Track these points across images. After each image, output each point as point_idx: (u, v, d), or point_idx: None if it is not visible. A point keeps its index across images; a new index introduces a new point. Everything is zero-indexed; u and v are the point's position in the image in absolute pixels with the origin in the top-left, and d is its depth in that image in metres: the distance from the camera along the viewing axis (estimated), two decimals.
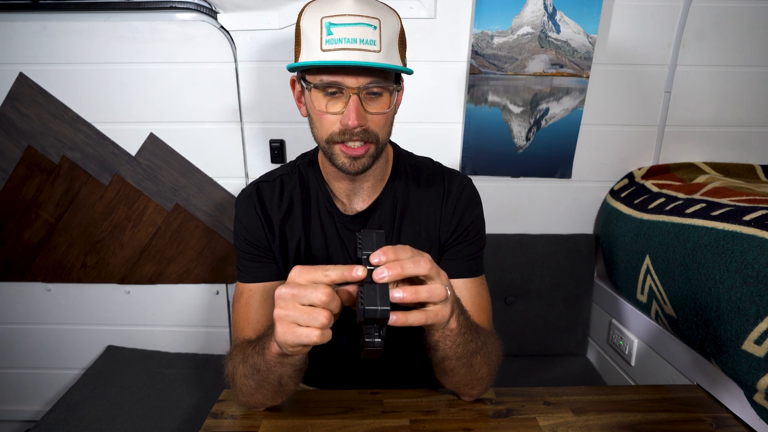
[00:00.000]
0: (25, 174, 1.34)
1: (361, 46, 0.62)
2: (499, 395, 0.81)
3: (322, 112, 0.67)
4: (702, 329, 0.90)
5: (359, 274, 0.49)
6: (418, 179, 0.82)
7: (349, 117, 0.64)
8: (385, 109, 0.68)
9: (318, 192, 0.80)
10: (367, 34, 0.62)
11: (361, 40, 0.62)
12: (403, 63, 0.69)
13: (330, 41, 0.62)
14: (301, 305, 0.50)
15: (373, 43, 0.63)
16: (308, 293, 0.50)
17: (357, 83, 0.64)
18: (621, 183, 1.34)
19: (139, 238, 1.39)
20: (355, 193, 0.78)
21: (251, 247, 0.79)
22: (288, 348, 0.54)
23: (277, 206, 0.79)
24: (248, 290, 0.78)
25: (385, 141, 0.72)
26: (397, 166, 0.82)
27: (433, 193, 0.81)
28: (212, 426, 0.74)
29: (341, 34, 0.62)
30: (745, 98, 1.28)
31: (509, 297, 1.40)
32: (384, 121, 0.69)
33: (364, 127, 0.66)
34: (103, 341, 1.49)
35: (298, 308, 0.50)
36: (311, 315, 0.50)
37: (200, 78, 1.26)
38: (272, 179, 0.82)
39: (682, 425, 0.76)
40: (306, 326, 0.50)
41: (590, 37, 1.21)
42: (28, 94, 1.27)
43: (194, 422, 1.14)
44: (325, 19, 0.62)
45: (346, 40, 0.62)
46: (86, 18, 1.22)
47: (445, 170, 0.84)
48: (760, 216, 0.84)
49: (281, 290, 0.51)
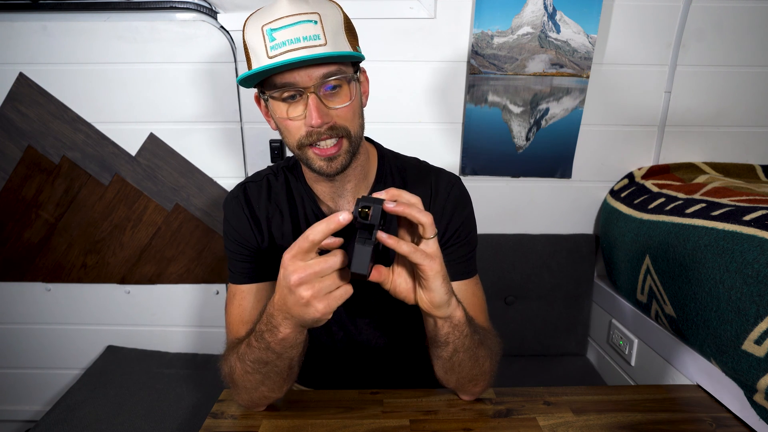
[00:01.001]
0: (25, 174, 1.34)
1: (306, 43, 0.61)
2: (499, 395, 0.81)
3: (284, 119, 0.66)
4: (702, 329, 0.90)
5: (341, 219, 0.52)
6: (404, 180, 0.81)
7: (311, 117, 0.63)
8: (346, 102, 0.66)
9: (303, 195, 0.79)
10: (308, 30, 0.62)
11: (304, 38, 0.61)
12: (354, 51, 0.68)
13: (274, 47, 0.62)
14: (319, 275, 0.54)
15: (317, 38, 0.62)
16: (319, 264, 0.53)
17: (311, 80, 0.63)
18: (621, 183, 1.34)
19: (139, 238, 1.39)
20: (339, 195, 0.77)
21: (241, 248, 0.79)
22: (325, 318, 0.56)
23: (265, 206, 0.79)
24: (241, 291, 0.78)
25: (359, 134, 0.70)
26: (382, 167, 0.81)
27: (420, 194, 0.79)
28: (212, 426, 0.74)
29: (283, 37, 0.61)
30: (745, 98, 1.28)
31: (509, 297, 1.40)
32: (351, 114, 0.68)
33: (330, 123, 0.65)
34: (103, 341, 1.49)
35: (320, 280, 0.54)
36: (334, 280, 0.55)
37: (200, 78, 1.26)
38: (258, 179, 0.82)
39: (682, 425, 0.76)
40: (337, 288, 0.55)
41: (590, 37, 1.21)
42: (28, 94, 1.27)
43: (194, 422, 1.14)
44: (266, 26, 0.62)
45: (289, 41, 0.61)
46: (86, 18, 1.22)
47: (432, 169, 0.83)
48: (760, 216, 0.84)
49: (294, 277, 0.53)
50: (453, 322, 0.62)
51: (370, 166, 0.80)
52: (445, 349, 0.66)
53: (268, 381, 0.68)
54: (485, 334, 0.72)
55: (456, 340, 0.64)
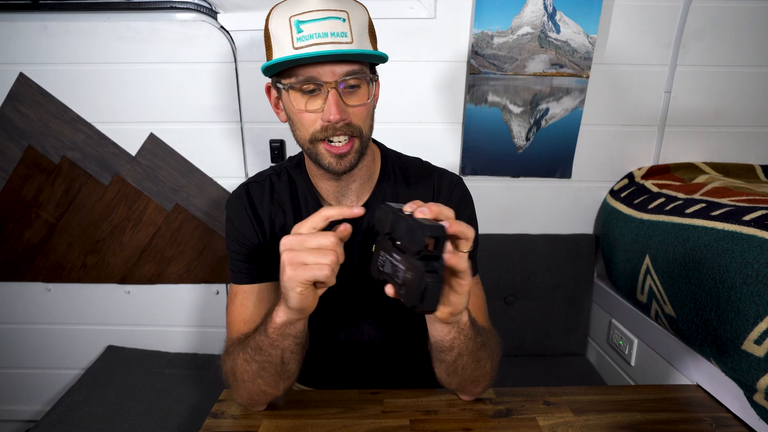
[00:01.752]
0: (25, 174, 1.34)
1: (333, 39, 0.62)
2: (499, 395, 0.81)
3: (302, 111, 0.66)
4: (702, 329, 0.90)
5: (356, 212, 0.53)
6: (407, 180, 0.81)
7: (330, 112, 0.63)
8: (365, 101, 0.67)
9: (306, 195, 0.80)
10: (336, 27, 0.62)
11: (332, 33, 0.62)
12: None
13: (301, 38, 0.62)
14: (308, 248, 0.53)
15: (344, 35, 0.63)
16: (315, 237, 0.53)
17: (334, 76, 0.63)
18: (621, 183, 1.34)
19: (139, 238, 1.39)
20: (343, 195, 0.77)
21: (243, 248, 0.79)
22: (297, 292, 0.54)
23: (268, 206, 0.79)
24: (243, 291, 0.78)
25: (369, 135, 0.71)
26: (385, 167, 0.81)
27: (423, 194, 0.80)
28: (212, 426, 0.74)
29: (311, 30, 0.62)
30: (745, 98, 1.28)
31: (509, 297, 1.40)
32: (365, 114, 0.69)
33: (347, 121, 0.66)
34: (103, 341, 1.49)
35: (307, 251, 0.53)
36: (319, 254, 0.52)
37: (200, 78, 1.26)
38: (261, 180, 0.82)
39: (682, 425, 0.76)
40: (315, 263, 0.53)
41: (590, 37, 1.21)
42: (28, 94, 1.27)
43: (194, 422, 1.14)
44: (294, 17, 0.62)
45: (317, 35, 0.62)
46: (86, 18, 1.22)
47: (435, 170, 0.83)
48: (760, 216, 0.84)
49: (287, 238, 0.53)
50: (459, 326, 0.62)
51: (375, 167, 0.80)
52: (450, 354, 0.66)
53: (264, 373, 0.67)
54: (487, 335, 0.72)
55: (461, 345, 0.64)
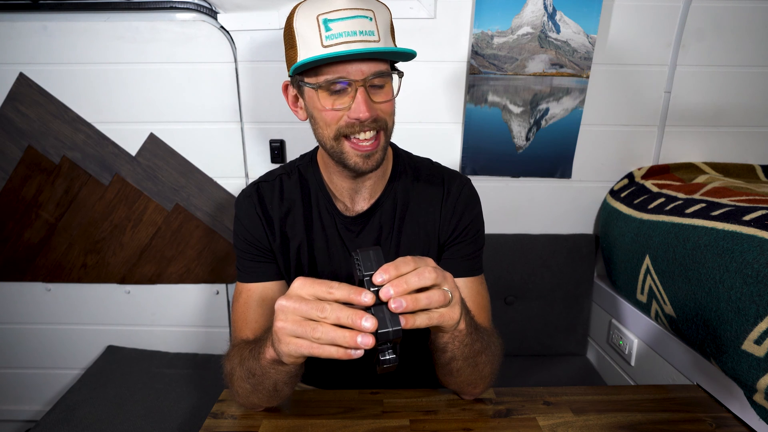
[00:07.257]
0: (25, 174, 1.34)
1: (362, 37, 0.62)
2: (499, 395, 0.81)
3: (328, 110, 0.66)
4: (702, 329, 0.90)
5: (366, 301, 0.48)
6: (417, 179, 0.82)
7: (360, 110, 0.64)
8: (390, 96, 0.69)
9: (318, 193, 0.80)
10: (365, 25, 0.63)
11: (361, 32, 0.62)
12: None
13: (330, 37, 0.62)
14: (301, 318, 0.50)
15: (372, 34, 0.63)
16: (309, 308, 0.49)
17: (362, 74, 0.64)
18: (621, 183, 1.34)
19: (139, 238, 1.39)
20: (357, 192, 0.78)
21: (251, 247, 0.79)
22: (285, 358, 0.54)
23: (278, 206, 0.79)
24: (247, 290, 0.79)
25: (392, 129, 0.72)
26: (397, 165, 0.82)
27: (433, 193, 0.81)
28: (212, 426, 0.74)
29: (340, 29, 0.62)
30: (745, 98, 1.28)
31: (509, 297, 1.40)
32: (391, 109, 0.70)
33: (375, 116, 0.66)
34: (103, 341, 1.49)
35: (297, 321, 0.50)
36: (309, 327, 0.49)
37: (200, 78, 1.26)
38: (272, 179, 0.82)
39: (682, 425, 0.76)
40: (304, 338, 0.50)
41: (590, 37, 1.21)
42: (28, 94, 1.27)
43: (194, 422, 1.14)
44: (321, 16, 0.62)
45: (346, 33, 0.62)
46: (86, 18, 1.22)
47: (445, 170, 0.84)
48: (760, 216, 0.84)
49: (282, 302, 0.51)
50: (453, 333, 0.61)
51: (388, 164, 0.81)
52: (443, 355, 0.66)
53: (257, 393, 0.68)
54: (489, 339, 0.71)
55: (455, 349, 0.64)
